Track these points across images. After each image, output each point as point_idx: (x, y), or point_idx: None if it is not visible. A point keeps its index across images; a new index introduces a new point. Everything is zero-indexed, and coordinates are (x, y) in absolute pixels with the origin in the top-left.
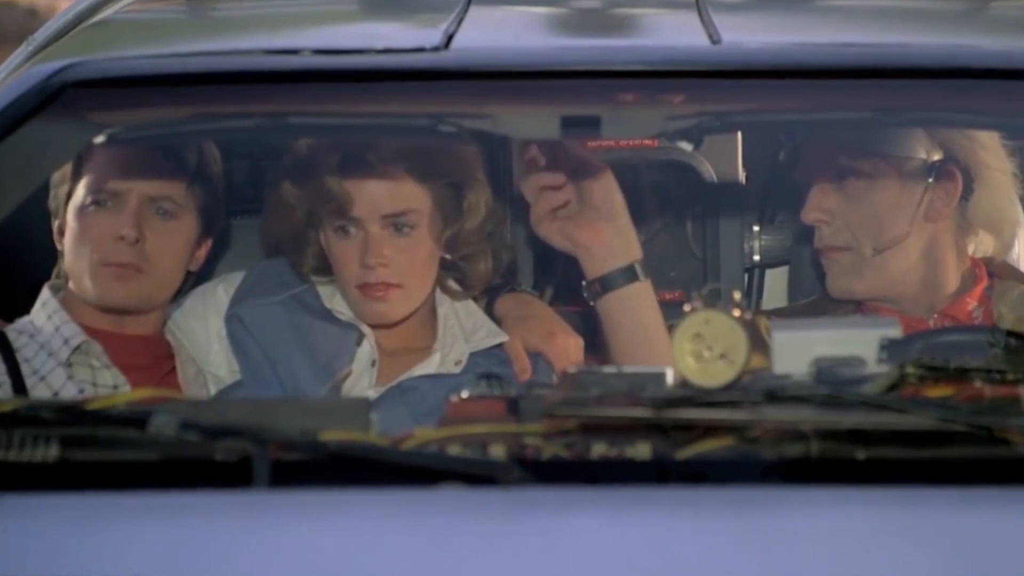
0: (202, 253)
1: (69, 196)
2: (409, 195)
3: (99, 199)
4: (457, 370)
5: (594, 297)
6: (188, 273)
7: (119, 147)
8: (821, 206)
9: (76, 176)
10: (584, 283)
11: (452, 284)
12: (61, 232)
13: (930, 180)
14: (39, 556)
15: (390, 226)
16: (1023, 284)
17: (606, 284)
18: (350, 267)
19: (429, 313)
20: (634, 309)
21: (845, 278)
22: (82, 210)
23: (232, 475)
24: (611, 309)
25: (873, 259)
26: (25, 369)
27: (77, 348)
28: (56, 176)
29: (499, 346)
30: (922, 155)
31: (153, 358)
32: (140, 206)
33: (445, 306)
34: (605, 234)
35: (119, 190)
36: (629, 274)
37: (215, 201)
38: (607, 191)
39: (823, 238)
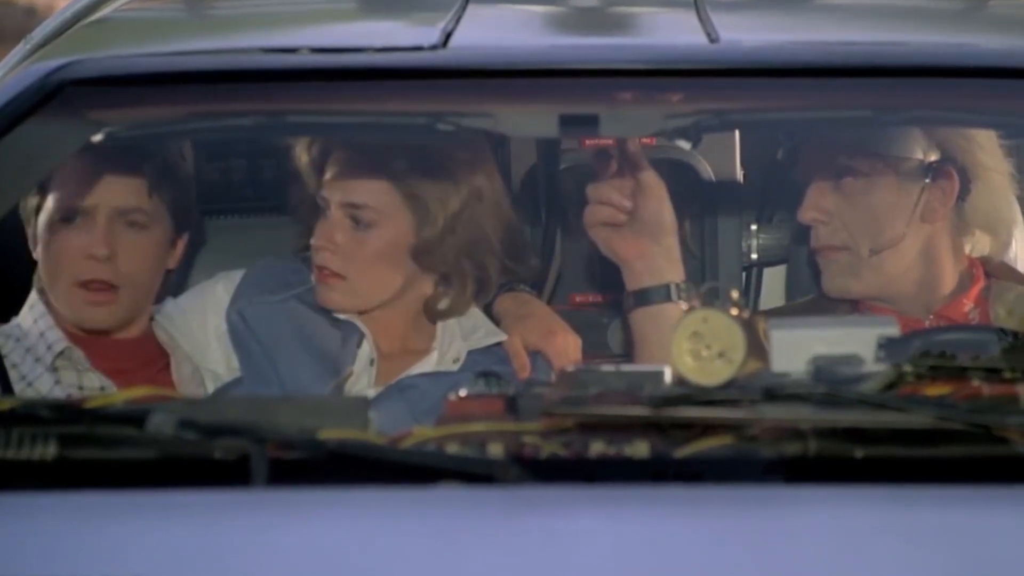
0: (179, 251)
1: (38, 209)
2: (372, 190)
3: (67, 215)
4: (455, 368)
5: (628, 308)
6: (167, 271)
7: (84, 161)
8: (818, 205)
9: (43, 189)
10: (624, 293)
11: (440, 305)
12: (35, 243)
13: (927, 180)
14: (37, 555)
15: (349, 216)
16: (1020, 285)
17: (640, 298)
18: (312, 246)
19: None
20: (662, 327)
21: (842, 278)
22: (51, 226)
23: (230, 473)
24: (640, 323)
25: (870, 259)
26: (12, 374)
27: (60, 353)
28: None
29: (498, 344)
30: (919, 155)
31: (142, 360)
32: (110, 221)
33: None
34: (649, 252)
35: (87, 206)
36: (663, 293)
37: (186, 198)
38: (658, 210)
39: (820, 238)
